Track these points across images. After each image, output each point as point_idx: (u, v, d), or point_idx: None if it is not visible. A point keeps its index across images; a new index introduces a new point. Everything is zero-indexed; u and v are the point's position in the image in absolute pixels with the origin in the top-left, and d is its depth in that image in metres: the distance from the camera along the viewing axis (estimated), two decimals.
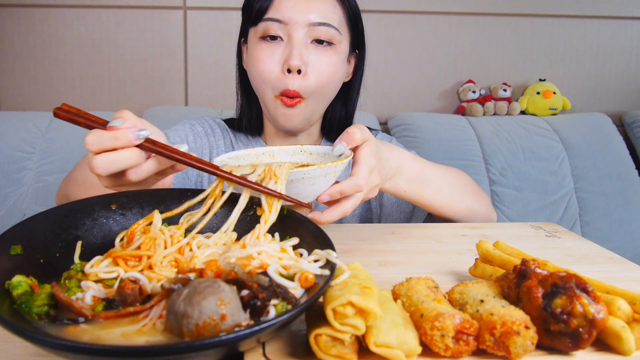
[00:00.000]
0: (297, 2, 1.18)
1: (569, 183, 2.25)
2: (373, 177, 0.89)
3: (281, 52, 1.19)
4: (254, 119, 1.39)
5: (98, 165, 0.67)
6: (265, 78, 1.19)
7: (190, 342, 0.46)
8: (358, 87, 1.37)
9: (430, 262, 0.88)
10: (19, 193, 1.99)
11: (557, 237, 1.04)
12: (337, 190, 0.83)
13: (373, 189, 0.91)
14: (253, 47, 1.23)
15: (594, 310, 0.55)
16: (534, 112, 2.49)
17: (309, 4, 1.18)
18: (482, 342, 0.55)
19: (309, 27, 1.17)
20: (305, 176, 0.76)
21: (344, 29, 1.24)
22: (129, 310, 0.54)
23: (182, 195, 0.79)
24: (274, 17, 1.18)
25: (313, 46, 1.19)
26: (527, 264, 0.62)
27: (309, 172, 0.76)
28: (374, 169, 0.89)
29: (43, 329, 0.53)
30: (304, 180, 0.77)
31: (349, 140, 0.85)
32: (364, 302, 0.51)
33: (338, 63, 1.22)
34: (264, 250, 0.63)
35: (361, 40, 1.32)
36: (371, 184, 0.89)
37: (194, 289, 0.51)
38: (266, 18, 1.18)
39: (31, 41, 2.30)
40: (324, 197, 0.83)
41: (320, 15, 1.18)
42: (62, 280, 0.63)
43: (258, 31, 1.21)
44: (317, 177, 0.78)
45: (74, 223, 0.71)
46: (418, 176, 1.07)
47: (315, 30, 1.18)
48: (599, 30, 2.54)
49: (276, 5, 1.18)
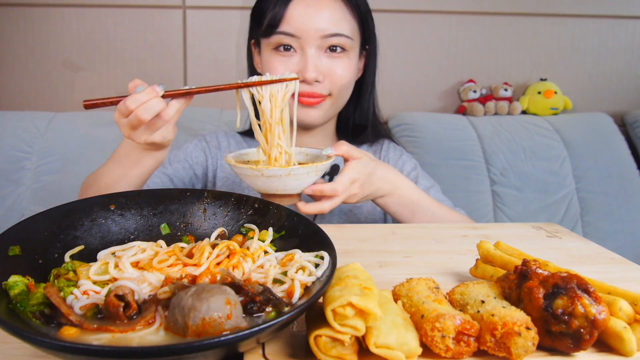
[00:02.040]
0: (309, 14, 1.20)
1: (570, 183, 2.24)
2: (353, 187, 1.08)
3: (296, 63, 1.23)
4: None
5: (142, 114, 0.91)
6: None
7: (189, 342, 0.46)
8: (371, 83, 1.40)
9: (431, 263, 0.88)
10: (18, 193, 1.99)
11: (558, 238, 1.04)
12: (318, 189, 1.04)
13: (352, 196, 1.10)
14: (267, 57, 1.27)
15: (595, 310, 0.55)
16: (535, 112, 2.49)
17: (321, 15, 1.21)
18: (482, 343, 0.55)
19: (322, 39, 1.22)
20: (291, 172, 0.96)
21: (356, 34, 1.28)
22: (110, 328, 0.54)
23: (181, 195, 0.80)
24: (287, 30, 1.21)
25: (327, 55, 1.24)
26: (528, 265, 0.62)
27: (293, 170, 0.96)
28: (355, 181, 1.08)
29: (39, 329, 0.53)
30: (289, 176, 0.97)
31: (337, 147, 1.07)
32: (364, 303, 0.51)
33: (352, 66, 1.28)
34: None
35: (371, 37, 1.35)
36: (349, 192, 1.07)
37: (202, 287, 0.51)
38: (279, 31, 1.21)
39: (30, 40, 2.30)
40: (308, 191, 1.04)
41: (332, 25, 1.21)
42: (51, 279, 0.63)
43: (271, 43, 1.24)
44: (300, 174, 0.97)
45: (73, 223, 0.71)
46: (410, 203, 1.20)
47: (328, 41, 1.22)
48: (601, 29, 2.54)
49: (287, 18, 1.21)
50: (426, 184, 1.41)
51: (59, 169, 2.01)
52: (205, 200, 0.81)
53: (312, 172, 0.99)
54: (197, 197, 0.81)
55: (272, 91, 1.00)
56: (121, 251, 0.69)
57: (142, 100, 0.92)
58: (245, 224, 0.79)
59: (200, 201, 0.81)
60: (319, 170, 1.00)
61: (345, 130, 1.44)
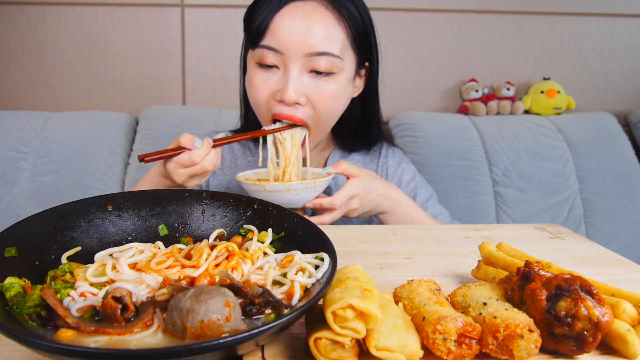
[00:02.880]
0: (295, 27, 1.12)
1: (574, 184, 2.25)
2: (352, 202, 1.17)
3: (276, 81, 1.17)
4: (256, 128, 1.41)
5: (208, 165, 1.06)
6: (260, 103, 1.21)
7: (188, 345, 0.46)
8: (373, 99, 1.36)
9: (432, 264, 0.88)
10: (14, 194, 1.99)
11: (562, 239, 1.04)
12: (318, 202, 1.14)
13: (351, 211, 1.18)
14: (250, 71, 1.22)
15: (599, 313, 0.55)
16: (537, 112, 2.49)
17: (308, 29, 1.12)
18: (485, 345, 0.55)
19: (307, 58, 1.13)
20: (291, 187, 1.08)
21: (347, 53, 1.19)
22: (108, 330, 0.54)
23: (180, 196, 0.80)
24: (270, 45, 1.14)
25: (311, 76, 1.16)
26: (531, 266, 0.62)
27: (292, 185, 1.09)
28: (354, 197, 1.16)
29: (35, 332, 0.53)
30: (289, 191, 1.09)
31: (337, 166, 1.18)
32: (364, 305, 0.51)
33: (339, 91, 1.19)
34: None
35: (372, 54, 1.27)
36: (348, 207, 1.17)
37: (201, 289, 0.51)
38: (263, 45, 1.15)
39: (26, 39, 2.30)
40: (308, 205, 1.15)
41: (319, 42, 1.13)
42: (48, 281, 0.63)
43: (255, 56, 1.19)
44: (299, 189, 1.09)
45: (70, 224, 0.71)
46: (409, 221, 1.25)
47: (313, 61, 1.14)
48: (604, 28, 2.54)
49: (272, 30, 1.13)
50: (424, 195, 1.42)
51: (56, 169, 2.02)
52: (203, 201, 0.81)
53: (310, 188, 1.11)
54: (195, 197, 0.81)
55: (292, 133, 1.20)
56: (119, 252, 0.69)
57: (205, 154, 1.06)
58: (245, 225, 0.79)
59: (198, 202, 0.81)
60: (317, 186, 1.12)
61: (346, 141, 1.43)
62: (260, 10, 1.15)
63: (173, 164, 1.06)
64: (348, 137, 1.41)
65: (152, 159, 1.04)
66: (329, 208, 1.15)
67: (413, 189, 1.42)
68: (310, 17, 1.12)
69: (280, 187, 1.08)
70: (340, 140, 1.44)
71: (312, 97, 1.17)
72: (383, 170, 1.45)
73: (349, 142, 1.43)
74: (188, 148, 1.05)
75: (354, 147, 1.44)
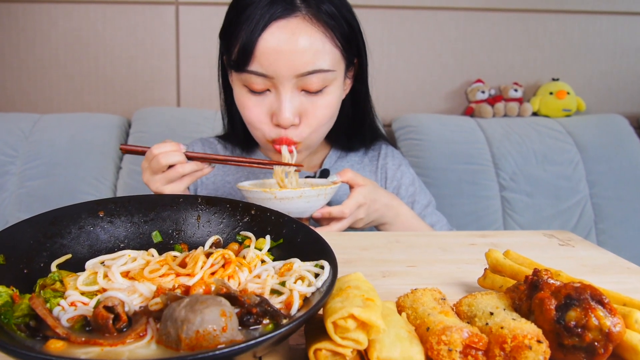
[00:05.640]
0: (282, 51, 1.10)
1: (584, 188, 2.25)
2: (359, 211, 1.18)
3: (269, 104, 1.18)
4: (243, 138, 1.41)
5: (162, 158, 1.09)
6: (255, 126, 1.22)
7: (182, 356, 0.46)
8: (364, 96, 1.36)
9: (437, 273, 0.88)
10: (1, 199, 1.99)
11: (571, 246, 1.04)
12: (327, 211, 1.16)
13: (358, 221, 1.20)
14: (240, 94, 1.21)
15: (610, 323, 0.55)
16: (546, 114, 2.49)
17: (296, 49, 1.11)
18: (491, 357, 0.55)
19: (298, 79, 1.14)
20: (302, 194, 1.09)
21: (337, 61, 1.18)
22: (99, 341, 0.54)
23: (174, 202, 0.80)
24: (258, 71, 1.13)
25: (303, 94, 1.17)
26: (540, 275, 0.62)
27: (304, 192, 1.09)
28: (361, 206, 1.18)
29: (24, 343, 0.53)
30: (301, 198, 1.09)
31: (342, 174, 1.20)
32: (366, 314, 0.51)
33: (333, 101, 1.21)
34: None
35: (361, 52, 1.27)
36: (356, 216, 1.19)
37: (196, 299, 0.52)
38: (250, 70, 1.14)
39: (14, 38, 2.31)
40: (317, 214, 1.16)
41: (308, 62, 1.12)
42: (37, 290, 0.63)
43: (241, 79, 1.18)
44: (311, 196, 1.10)
45: (60, 231, 0.71)
46: (407, 231, 1.28)
47: (305, 80, 1.14)
48: (616, 26, 2.55)
49: (258, 56, 1.12)
50: (423, 201, 1.44)
51: (45, 173, 2.02)
52: (199, 207, 0.81)
53: (321, 195, 1.12)
54: (190, 203, 0.81)
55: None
56: (110, 260, 0.69)
57: (166, 149, 1.11)
58: (242, 232, 0.79)
59: (193, 207, 0.81)
60: (327, 194, 1.14)
61: (338, 142, 1.45)
62: (240, 29, 1.13)
63: (144, 161, 1.14)
64: (341, 137, 1.42)
65: (131, 149, 1.15)
66: (337, 217, 1.17)
67: (412, 194, 1.44)
68: (297, 37, 1.11)
69: (292, 194, 1.08)
70: (335, 141, 1.45)
71: (307, 113, 1.18)
72: (382, 172, 1.46)
73: (343, 142, 1.44)
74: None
75: (350, 147, 1.45)
